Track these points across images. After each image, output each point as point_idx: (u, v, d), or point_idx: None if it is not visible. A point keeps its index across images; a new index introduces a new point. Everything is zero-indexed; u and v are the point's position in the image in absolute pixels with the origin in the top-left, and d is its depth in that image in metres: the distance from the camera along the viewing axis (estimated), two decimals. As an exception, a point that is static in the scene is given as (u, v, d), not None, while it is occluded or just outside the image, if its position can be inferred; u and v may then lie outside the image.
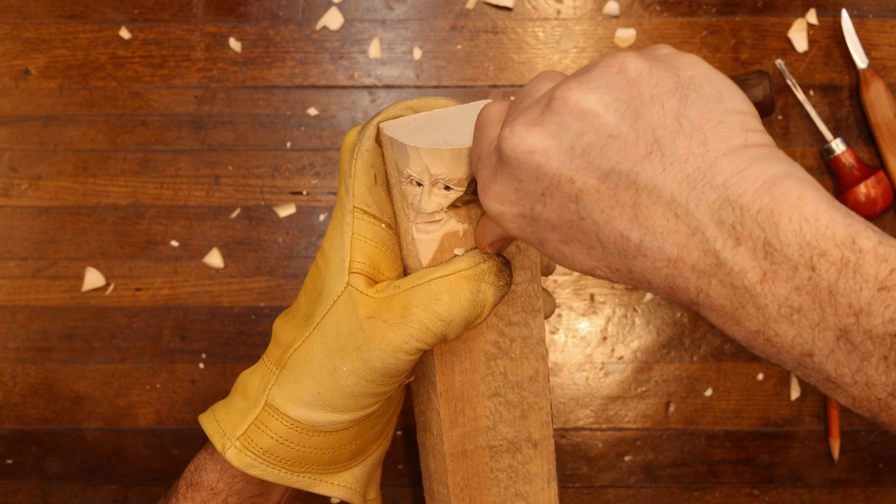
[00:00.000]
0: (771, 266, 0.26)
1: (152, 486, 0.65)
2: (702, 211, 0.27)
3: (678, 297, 0.30)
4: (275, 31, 0.67)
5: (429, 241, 0.39)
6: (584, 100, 0.30)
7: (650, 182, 0.28)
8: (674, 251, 0.28)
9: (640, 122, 0.29)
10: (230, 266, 0.66)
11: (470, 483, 0.47)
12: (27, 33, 0.68)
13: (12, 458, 0.65)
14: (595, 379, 0.65)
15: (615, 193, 0.29)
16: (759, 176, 0.27)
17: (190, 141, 0.66)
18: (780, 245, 0.26)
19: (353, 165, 0.40)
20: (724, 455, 0.64)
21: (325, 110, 0.67)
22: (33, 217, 0.66)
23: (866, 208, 0.63)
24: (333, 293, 0.40)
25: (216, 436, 0.42)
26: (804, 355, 0.27)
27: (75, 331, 0.65)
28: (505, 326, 0.44)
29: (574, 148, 0.30)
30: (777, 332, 0.27)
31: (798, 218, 0.26)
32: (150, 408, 0.65)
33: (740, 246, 0.27)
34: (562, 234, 0.32)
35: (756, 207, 0.26)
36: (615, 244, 0.30)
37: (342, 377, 0.40)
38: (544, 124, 0.31)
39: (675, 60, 0.31)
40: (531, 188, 0.31)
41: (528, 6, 0.67)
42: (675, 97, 0.29)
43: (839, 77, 0.66)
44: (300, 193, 0.66)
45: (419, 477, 0.64)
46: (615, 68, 0.30)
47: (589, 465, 0.64)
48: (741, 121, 0.29)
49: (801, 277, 0.26)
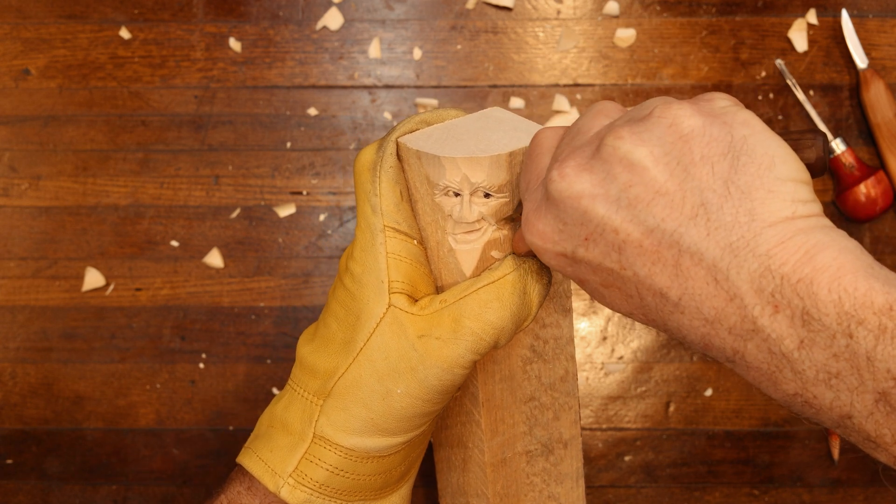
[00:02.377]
0: (808, 334, 0.27)
1: (152, 486, 0.65)
2: (742, 278, 0.28)
3: (714, 354, 0.30)
4: (275, 31, 0.67)
5: (470, 251, 0.39)
6: (635, 152, 0.30)
7: (693, 245, 0.29)
8: (711, 313, 0.29)
9: (688, 183, 0.29)
10: (230, 266, 0.66)
11: (509, 491, 0.46)
12: (27, 33, 0.68)
13: (12, 458, 0.65)
14: (595, 379, 0.65)
15: (658, 250, 0.29)
16: (802, 246, 0.27)
17: (190, 141, 0.66)
18: (818, 314, 0.26)
19: (378, 184, 0.40)
20: (724, 455, 0.64)
21: (325, 110, 0.67)
22: (33, 217, 0.66)
23: (866, 208, 0.63)
24: (375, 316, 0.39)
25: (266, 475, 0.41)
26: (843, 417, 0.27)
27: (75, 331, 0.65)
28: (539, 329, 0.44)
29: (620, 199, 0.30)
30: (815, 395, 0.27)
31: (837, 288, 0.26)
32: (150, 408, 0.65)
33: (778, 314, 0.27)
34: (601, 279, 0.32)
35: (796, 277, 0.27)
36: (654, 298, 0.30)
37: (396, 400, 0.39)
38: (593, 171, 0.31)
39: (730, 117, 0.30)
40: (575, 232, 0.32)
41: (528, 6, 0.67)
42: (727, 160, 0.29)
43: (839, 77, 0.66)
44: (300, 193, 0.66)
45: (421, 476, 0.64)
46: (668, 120, 0.30)
47: (589, 465, 0.64)
48: (792, 191, 0.29)
49: (839, 345, 0.26)
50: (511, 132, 0.38)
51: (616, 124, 0.31)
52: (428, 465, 0.64)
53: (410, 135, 0.40)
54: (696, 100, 0.31)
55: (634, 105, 0.68)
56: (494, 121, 0.40)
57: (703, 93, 0.33)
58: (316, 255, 0.66)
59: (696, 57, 0.67)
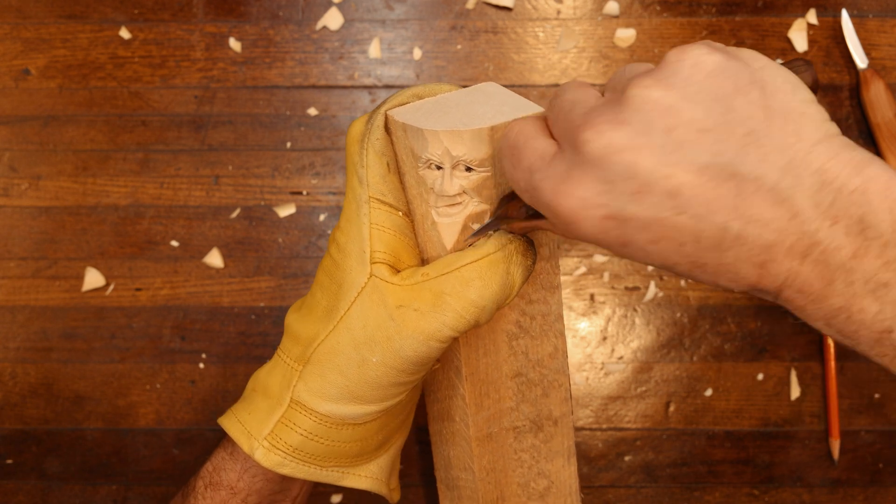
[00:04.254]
0: (864, 242, 0.28)
1: (152, 486, 0.65)
2: (802, 195, 0.28)
3: (765, 285, 0.30)
4: (275, 31, 0.67)
5: (451, 224, 0.39)
6: (667, 96, 0.30)
7: (752, 172, 0.29)
8: (772, 237, 0.29)
9: (729, 114, 0.29)
10: (230, 266, 0.66)
11: (496, 466, 0.47)
12: (27, 33, 0.68)
13: (12, 458, 0.65)
14: (595, 379, 0.65)
15: (716, 185, 0.29)
16: (850, 160, 0.28)
17: (190, 141, 0.66)
18: (874, 221, 0.27)
19: (365, 155, 0.40)
20: (724, 455, 0.64)
21: (325, 110, 0.67)
22: (33, 217, 0.66)
23: (866, 208, 0.63)
24: (356, 284, 0.40)
25: (242, 437, 0.42)
26: (883, 332, 0.28)
27: (75, 331, 0.65)
28: (526, 305, 0.44)
29: (665, 145, 0.29)
30: (862, 307, 0.28)
31: (891, 196, 0.28)
32: (150, 408, 0.65)
33: (837, 224, 0.28)
34: (652, 234, 0.31)
35: (851, 188, 0.28)
36: (712, 237, 0.30)
37: (371, 368, 0.39)
38: (630, 122, 0.30)
39: (738, 52, 0.31)
40: (623, 188, 0.30)
41: (528, 6, 0.67)
42: (756, 89, 0.30)
43: (839, 77, 0.66)
44: (300, 193, 0.66)
45: (421, 475, 0.64)
46: (689, 61, 0.30)
47: (589, 465, 0.64)
48: (819, 112, 0.30)
49: (891, 253, 0.27)
50: (497, 107, 0.38)
51: (635, 77, 0.31)
52: (426, 464, 0.64)
53: (399, 108, 0.40)
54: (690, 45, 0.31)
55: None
56: (484, 95, 0.40)
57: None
58: (316, 255, 0.66)
59: (696, 57, 0.67)
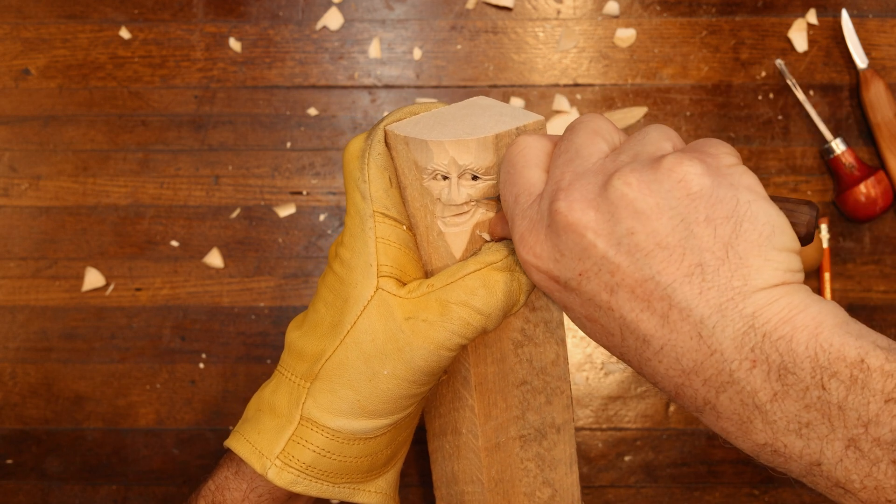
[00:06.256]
0: (783, 387, 0.28)
1: (152, 486, 0.65)
2: (726, 336, 0.29)
3: (684, 402, 0.31)
4: (275, 31, 0.67)
5: (459, 233, 0.40)
6: (643, 201, 0.30)
7: (685, 301, 0.30)
8: (690, 365, 0.30)
9: (689, 241, 0.30)
10: (230, 266, 0.66)
11: (503, 476, 0.47)
12: (27, 33, 0.68)
13: (12, 458, 0.65)
14: (595, 379, 0.65)
15: (649, 299, 0.30)
16: (786, 307, 0.29)
17: (190, 141, 0.66)
18: (794, 368, 0.28)
19: (366, 170, 0.40)
20: (724, 455, 0.64)
21: (325, 110, 0.67)
22: (33, 217, 0.66)
23: (866, 208, 0.63)
24: (363, 299, 0.40)
25: (253, 457, 0.42)
26: (813, 464, 0.28)
27: (75, 331, 0.65)
28: (529, 313, 0.44)
29: (622, 243, 0.31)
30: (786, 444, 0.29)
31: (814, 345, 0.28)
32: (150, 408, 0.65)
33: (755, 368, 0.29)
34: (588, 312, 0.33)
35: (777, 335, 0.28)
36: (636, 341, 0.31)
37: (382, 381, 0.40)
38: (599, 209, 0.31)
39: (737, 179, 0.31)
40: (572, 264, 0.32)
41: (528, 6, 0.67)
42: (730, 224, 0.30)
43: (839, 77, 0.66)
44: (300, 193, 0.66)
45: (420, 475, 0.64)
46: (678, 175, 0.30)
47: (589, 465, 0.64)
48: (786, 261, 0.30)
49: (812, 396, 0.28)
50: (496, 117, 0.39)
51: (625, 167, 0.32)
52: (425, 464, 0.64)
53: (398, 123, 0.41)
54: (702, 153, 0.32)
55: (632, 105, 0.68)
56: (479, 108, 0.40)
57: (705, 138, 0.33)
58: (316, 255, 0.66)
59: (696, 57, 0.67)
